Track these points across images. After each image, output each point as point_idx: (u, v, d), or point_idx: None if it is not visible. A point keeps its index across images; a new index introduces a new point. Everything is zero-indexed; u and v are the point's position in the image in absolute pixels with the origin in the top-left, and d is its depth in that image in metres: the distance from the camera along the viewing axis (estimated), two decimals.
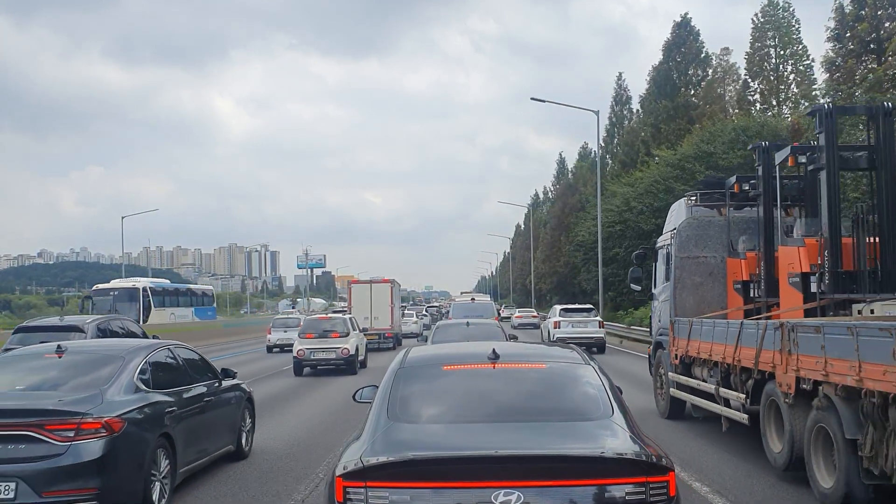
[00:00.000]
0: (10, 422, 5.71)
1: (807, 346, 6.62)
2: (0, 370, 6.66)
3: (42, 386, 6.34)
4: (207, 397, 7.71)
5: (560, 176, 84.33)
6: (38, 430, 5.67)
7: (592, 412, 4.19)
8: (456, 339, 12.31)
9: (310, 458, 8.62)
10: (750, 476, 7.56)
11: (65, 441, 5.68)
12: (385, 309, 29.32)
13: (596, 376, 4.51)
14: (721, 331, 8.79)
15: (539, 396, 4.47)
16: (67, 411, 5.78)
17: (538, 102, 36.36)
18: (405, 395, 4.39)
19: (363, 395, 5.70)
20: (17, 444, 5.64)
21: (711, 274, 10.83)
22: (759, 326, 7.77)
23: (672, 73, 45.59)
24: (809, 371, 6.55)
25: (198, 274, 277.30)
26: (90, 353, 7.19)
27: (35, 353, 7.18)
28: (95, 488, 5.71)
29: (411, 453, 3.72)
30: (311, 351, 19.33)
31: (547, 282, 72.02)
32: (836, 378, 6.08)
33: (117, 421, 5.93)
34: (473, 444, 3.87)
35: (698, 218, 11.09)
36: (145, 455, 6.21)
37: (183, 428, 6.93)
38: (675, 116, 43.86)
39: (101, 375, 6.42)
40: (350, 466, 3.65)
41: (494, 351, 4.59)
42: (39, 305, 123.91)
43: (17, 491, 5.53)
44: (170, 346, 7.64)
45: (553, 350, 5.62)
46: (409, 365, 4.78)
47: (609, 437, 3.94)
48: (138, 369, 6.65)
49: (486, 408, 4.32)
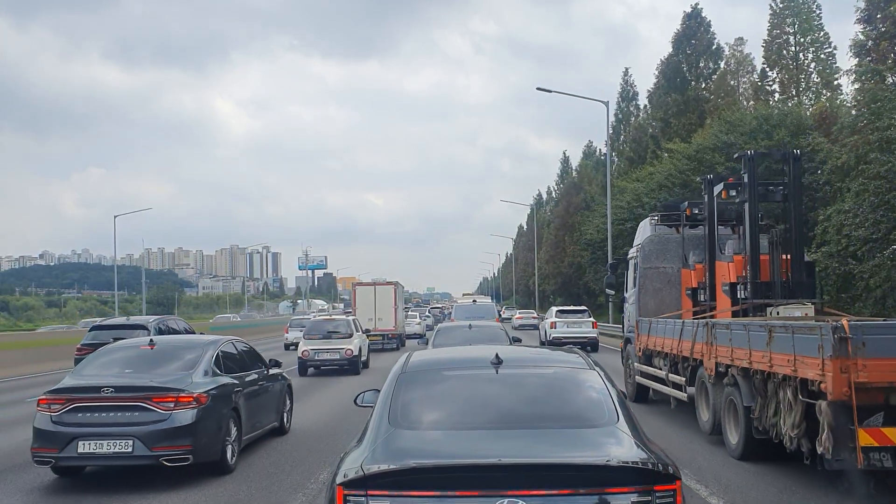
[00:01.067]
0: (128, 395, 7.75)
1: (721, 339, 8.97)
2: (108, 359, 8.68)
3: (144, 370, 8.34)
4: (260, 382, 9.74)
5: (564, 175, 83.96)
6: (148, 402, 7.71)
7: (597, 419, 4.18)
8: (457, 343, 12.18)
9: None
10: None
11: (167, 410, 7.71)
12: (389, 310, 30.57)
13: (601, 381, 4.52)
14: (671, 328, 11.11)
15: (543, 402, 4.48)
16: (169, 388, 7.83)
17: (541, 99, 41.12)
18: (407, 401, 4.39)
19: (365, 399, 5.83)
20: (133, 412, 7.68)
21: (669, 282, 13.14)
22: (693, 325, 10.11)
23: (682, 66, 44.50)
24: (723, 357, 8.94)
25: (199, 275, 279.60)
26: (175, 345, 9.25)
27: (133, 345, 9.21)
28: (190, 445, 7.73)
29: (413, 461, 3.72)
30: (316, 351, 20.17)
31: (551, 283, 71.31)
32: (738, 362, 8.41)
33: (203, 396, 7.97)
34: (476, 451, 3.88)
35: (659, 235, 13.48)
36: (222, 423, 8.26)
37: (245, 405, 8.96)
38: (685, 111, 42.74)
39: (186, 362, 8.45)
40: (351, 474, 3.65)
41: (497, 356, 4.63)
42: (37, 307, 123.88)
43: (134, 446, 7.56)
44: (232, 340, 9.70)
45: (557, 354, 5.56)
46: (411, 370, 4.79)
47: (614, 445, 3.94)
48: (213, 358, 8.69)
49: (489, 414, 4.34)
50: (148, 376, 8.12)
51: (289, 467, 8.68)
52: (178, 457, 7.68)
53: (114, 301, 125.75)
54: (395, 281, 32.60)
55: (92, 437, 7.56)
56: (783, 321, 8.48)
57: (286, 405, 10.92)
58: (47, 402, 7.83)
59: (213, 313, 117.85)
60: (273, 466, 8.76)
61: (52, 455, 7.68)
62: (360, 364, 20.84)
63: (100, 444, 7.55)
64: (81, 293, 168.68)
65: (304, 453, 9.47)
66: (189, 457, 7.74)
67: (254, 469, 8.60)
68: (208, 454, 8.00)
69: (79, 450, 7.55)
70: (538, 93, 50.27)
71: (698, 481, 7.59)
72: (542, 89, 32.29)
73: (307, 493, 7.48)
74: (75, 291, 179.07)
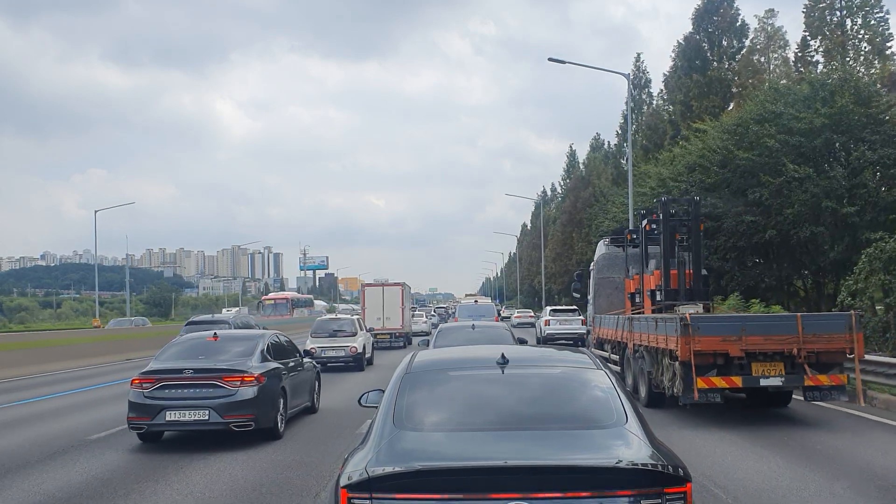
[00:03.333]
0: (204, 375, 10.12)
1: (636, 328, 13.71)
2: (182, 348, 11.08)
3: (212, 356, 10.70)
4: (298, 367, 12.11)
5: (570, 169, 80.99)
6: (219, 380, 10.07)
7: (606, 419, 4.19)
8: (461, 344, 12.30)
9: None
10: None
11: (234, 387, 10.06)
12: (396, 310, 32.76)
13: (608, 381, 4.55)
14: (613, 322, 15.88)
15: (550, 403, 4.50)
16: (236, 369, 10.19)
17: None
18: (412, 402, 4.39)
19: (369, 398, 5.91)
20: (207, 389, 10.04)
21: (616, 288, 18.03)
22: (623, 319, 14.85)
23: (703, 45, 41.17)
24: (636, 340, 13.69)
25: (200, 276, 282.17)
26: (234, 337, 11.67)
27: (200, 337, 11.58)
28: (253, 415, 10.08)
29: (418, 464, 3.72)
30: (322, 349, 21.43)
31: (558, 282, 68.56)
32: (642, 342, 13.21)
33: (262, 376, 10.33)
34: (482, 453, 3.90)
35: (610, 253, 18.78)
36: (275, 397, 10.63)
37: (289, 384, 11.32)
38: (707, 93, 39.78)
39: (245, 350, 10.83)
40: (355, 477, 3.64)
41: (503, 355, 4.65)
42: (31, 308, 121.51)
43: (210, 415, 9.90)
44: (277, 334, 12.07)
45: (563, 354, 5.58)
46: (415, 370, 4.79)
47: (623, 447, 3.94)
48: (265, 347, 11.04)
49: (495, 415, 4.34)
50: (217, 361, 10.49)
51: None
52: (244, 424, 10.03)
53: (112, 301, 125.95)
54: (403, 282, 34.66)
55: (177, 408, 9.91)
56: (662, 316, 13.08)
57: (316, 388, 13.27)
58: (139, 382, 10.19)
59: (213, 314, 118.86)
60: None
61: (145, 422, 10.02)
62: (365, 361, 22.56)
63: (183, 413, 9.90)
64: (80, 294, 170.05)
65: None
66: (252, 424, 10.09)
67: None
68: (266, 422, 10.35)
69: (166, 418, 9.90)
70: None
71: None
72: (554, 59, 29.55)
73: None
74: (74, 292, 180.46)
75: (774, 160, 24.99)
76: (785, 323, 11.36)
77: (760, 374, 10.99)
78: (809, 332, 11.01)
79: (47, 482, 8.45)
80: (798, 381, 11.06)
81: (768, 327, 11.32)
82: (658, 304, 14.77)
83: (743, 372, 10.98)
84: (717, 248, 26.58)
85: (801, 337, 10.95)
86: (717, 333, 10.99)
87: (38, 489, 8.17)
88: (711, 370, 10.93)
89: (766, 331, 11.16)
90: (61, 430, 12.01)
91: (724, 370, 10.96)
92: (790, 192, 24.17)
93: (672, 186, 29.37)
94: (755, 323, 11.68)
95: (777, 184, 24.33)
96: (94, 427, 11.98)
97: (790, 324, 11.18)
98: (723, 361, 10.96)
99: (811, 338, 10.98)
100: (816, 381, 11.01)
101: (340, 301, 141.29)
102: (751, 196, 25.38)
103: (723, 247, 26.64)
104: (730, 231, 26.12)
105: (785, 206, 24.35)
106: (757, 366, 10.99)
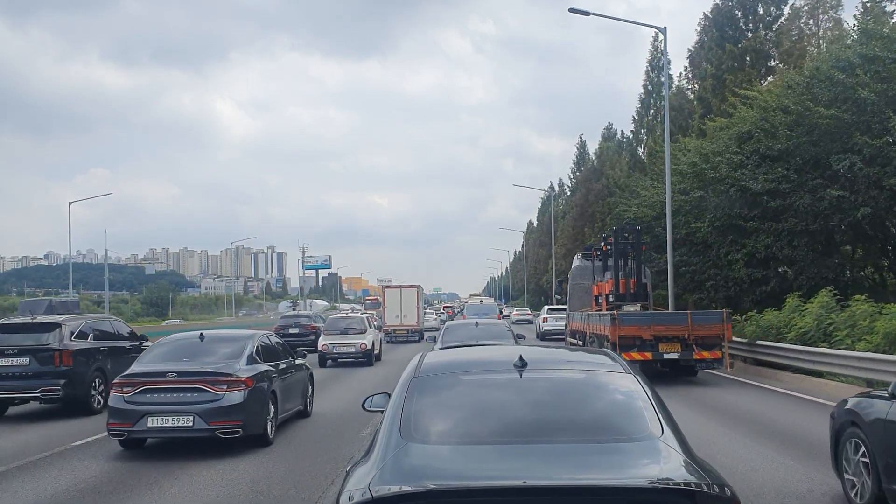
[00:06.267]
0: (188, 379, 9.67)
1: (590, 321, 19.96)
2: (166, 350, 10.62)
3: (198, 358, 10.25)
4: (290, 370, 11.65)
5: (581, 161, 77.91)
6: (204, 384, 9.62)
7: (639, 431, 3.80)
8: (465, 339, 14.14)
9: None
10: None
11: (221, 391, 9.61)
12: (412, 309, 38.00)
13: (639, 387, 4.17)
14: (579, 317, 22.26)
15: (575, 412, 4.10)
16: (222, 373, 9.74)
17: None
18: (420, 410, 4.02)
19: (373, 403, 5.58)
20: (192, 393, 9.59)
21: (586, 292, 24.03)
22: (584, 315, 21.34)
23: (735, 13, 37.22)
24: (590, 329, 19.84)
25: (203, 275, 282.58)
26: (221, 338, 11.17)
27: (185, 338, 11.13)
28: (240, 421, 9.63)
29: (430, 483, 3.39)
30: (334, 345, 23.31)
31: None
32: (594, 331, 19.17)
33: (250, 379, 9.88)
34: (499, 471, 3.53)
35: (581, 265, 25.79)
36: (264, 402, 10.17)
37: (279, 388, 10.86)
38: (742, 66, 35.89)
39: (232, 352, 10.37)
40: (357, 497, 3.30)
41: (521, 357, 4.28)
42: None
43: (194, 421, 9.45)
44: (267, 334, 11.62)
45: (586, 356, 5.26)
46: (424, 374, 4.41)
47: (660, 462, 3.57)
48: (254, 348, 10.58)
49: (513, 426, 3.94)
50: (203, 363, 10.03)
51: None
52: (231, 430, 9.58)
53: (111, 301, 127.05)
54: (418, 284, 39.85)
55: (159, 414, 9.48)
56: (602, 312, 19.26)
57: (309, 391, 12.81)
58: (120, 385, 9.74)
59: (213, 314, 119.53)
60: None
61: (126, 429, 9.59)
62: (374, 357, 24.05)
63: (166, 419, 9.47)
64: (80, 293, 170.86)
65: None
66: (239, 430, 9.64)
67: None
68: (254, 428, 9.90)
69: (148, 424, 9.46)
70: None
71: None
72: (575, 10, 24.78)
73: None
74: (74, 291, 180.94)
75: (869, 117, 20.59)
76: (679, 317, 17.44)
77: (664, 351, 16.68)
78: (696, 323, 16.84)
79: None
80: (689, 355, 16.69)
81: (668, 320, 17.50)
82: (611, 304, 20.33)
83: (653, 349, 16.65)
84: (780, 233, 22.84)
85: (691, 327, 16.71)
86: (634, 324, 16.97)
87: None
88: (633, 348, 16.53)
89: (667, 322, 17.21)
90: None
91: (640, 348, 16.64)
92: (893, 156, 20.05)
93: (717, 161, 25.35)
94: (660, 317, 18.04)
95: (876, 146, 20.01)
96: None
97: (683, 318, 17.19)
98: (639, 343, 16.68)
99: (697, 327, 16.76)
100: (701, 355, 16.72)
101: (343, 301, 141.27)
102: (836, 165, 20.88)
103: (789, 232, 22.72)
104: (804, 211, 22.11)
105: (884, 176, 20.11)
106: (662, 345, 16.68)
